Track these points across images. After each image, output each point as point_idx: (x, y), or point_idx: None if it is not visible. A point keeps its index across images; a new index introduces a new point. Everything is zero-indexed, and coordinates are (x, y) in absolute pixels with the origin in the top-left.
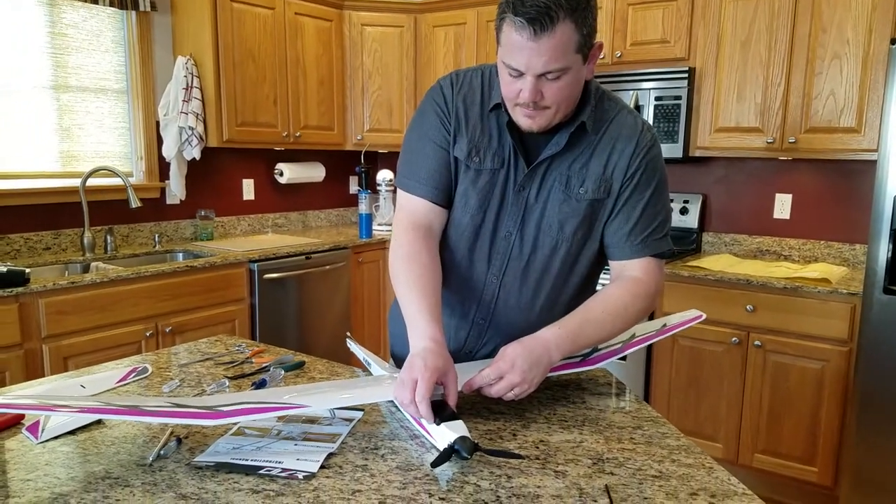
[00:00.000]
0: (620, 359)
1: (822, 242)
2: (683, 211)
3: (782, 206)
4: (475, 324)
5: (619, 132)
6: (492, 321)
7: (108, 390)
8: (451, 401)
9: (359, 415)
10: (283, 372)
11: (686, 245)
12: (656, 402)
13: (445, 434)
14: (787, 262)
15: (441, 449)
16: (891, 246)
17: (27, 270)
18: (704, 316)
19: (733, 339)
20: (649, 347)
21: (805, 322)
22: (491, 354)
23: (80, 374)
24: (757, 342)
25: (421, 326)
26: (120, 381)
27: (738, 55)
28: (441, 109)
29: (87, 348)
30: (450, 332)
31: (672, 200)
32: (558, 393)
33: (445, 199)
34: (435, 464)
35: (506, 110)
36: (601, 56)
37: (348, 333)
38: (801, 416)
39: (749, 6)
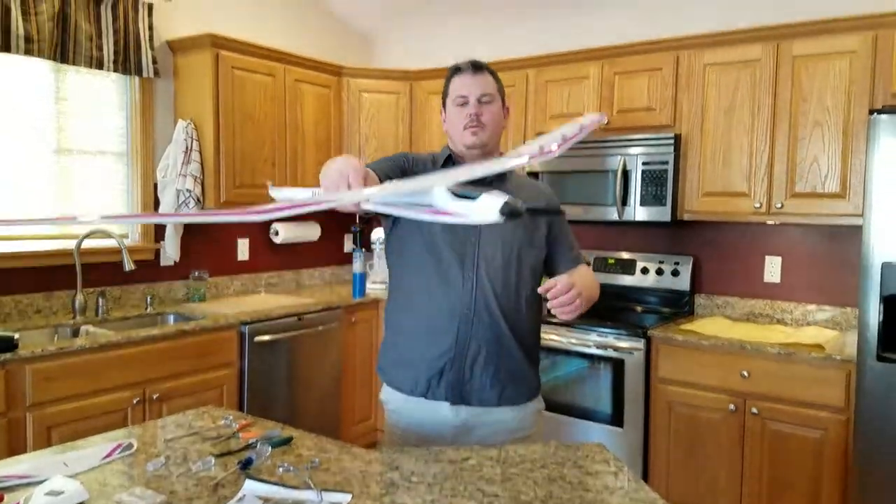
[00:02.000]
0: (618, 425)
1: (813, 306)
2: (675, 273)
3: (772, 269)
4: (462, 318)
5: (531, 185)
6: (475, 312)
7: (92, 468)
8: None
9: (347, 498)
10: (269, 448)
11: (679, 307)
12: (655, 472)
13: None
14: (780, 326)
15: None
16: (882, 313)
17: (16, 336)
18: (604, 117)
19: (730, 406)
20: (646, 415)
21: (801, 389)
22: (479, 351)
23: (64, 451)
24: (754, 409)
25: None
26: (105, 457)
27: (723, 122)
28: (402, 156)
29: (72, 416)
30: (440, 343)
31: (662, 262)
32: (554, 472)
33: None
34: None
35: (452, 155)
36: (505, 119)
37: (268, 182)
38: (802, 486)
39: (731, 76)
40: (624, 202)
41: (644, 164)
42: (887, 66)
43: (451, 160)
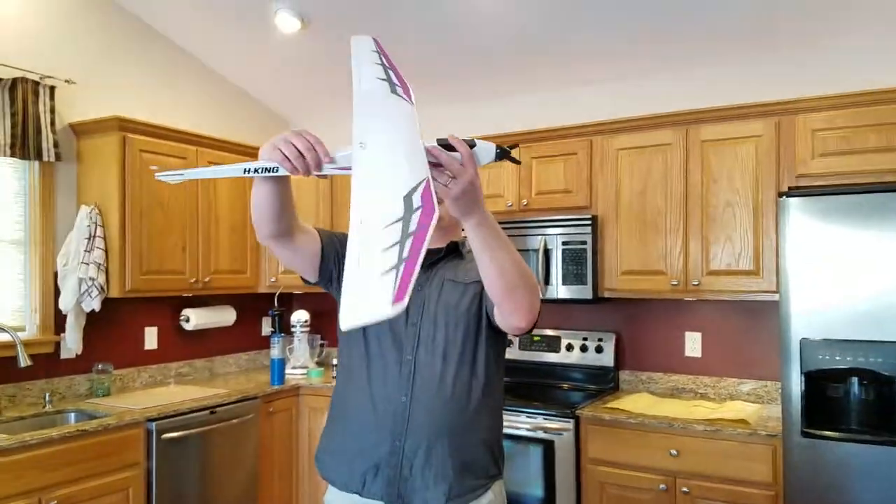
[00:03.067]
0: None
1: (734, 380)
2: (599, 349)
3: (693, 344)
4: (398, 406)
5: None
6: (413, 398)
7: None
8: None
9: None
10: None
11: (604, 384)
12: None
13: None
14: (703, 401)
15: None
16: (803, 388)
17: None
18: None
19: (661, 485)
20: (578, 498)
21: (730, 466)
22: (419, 444)
23: None
24: (685, 489)
25: None
26: None
27: (637, 203)
28: (335, 234)
29: None
30: (375, 434)
31: (586, 339)
32: None
33: (319, 242)
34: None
35: None
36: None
37: (154, 167)
38: None
39: (643, 159)
40: (546, 280)
41: (564, 243)
42: (791, 150)
43: None
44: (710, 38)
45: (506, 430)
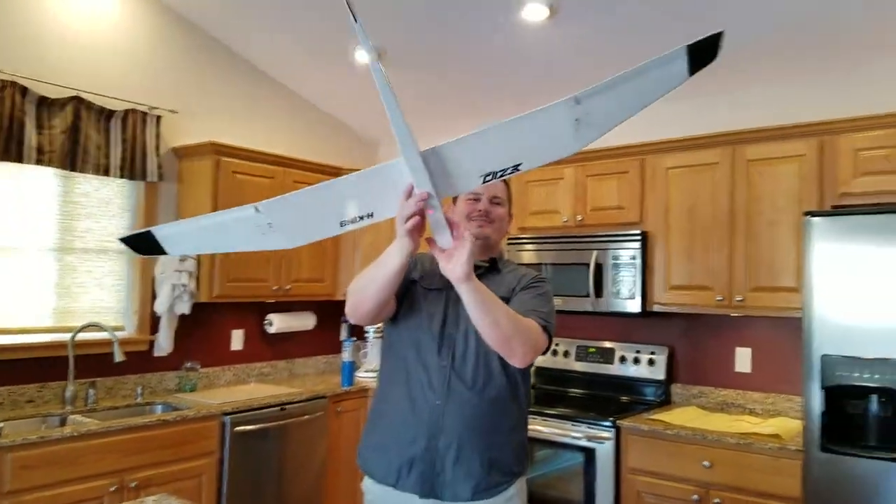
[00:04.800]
0: None
1: (783, 396)
2: (651, 362)
3: (743, 359)
4: (433, 408)
5: (517, 272)
6: (448, 401)
7: None
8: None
9: None
10: None
11: (656, 396)
12: None
13: None
14: (749, 416)
15: None
16: (824, 404)
17: (1, 425)
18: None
19: (694, 496)
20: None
21: (761, 479)
22: (451, 443)
23: None
24: (717, 500)
25: None
26: None
27: (685, 220)
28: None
29: None
30: (412, 431)
31: (639, 352)
32: None
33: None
34: None
35: None
36: (508, 224)
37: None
38: None
39: (692, 178)
40: (598, 294)
41: (615, 258)
42: (832, 170)
43: None
44: (755, 59)
45: (552, 436)
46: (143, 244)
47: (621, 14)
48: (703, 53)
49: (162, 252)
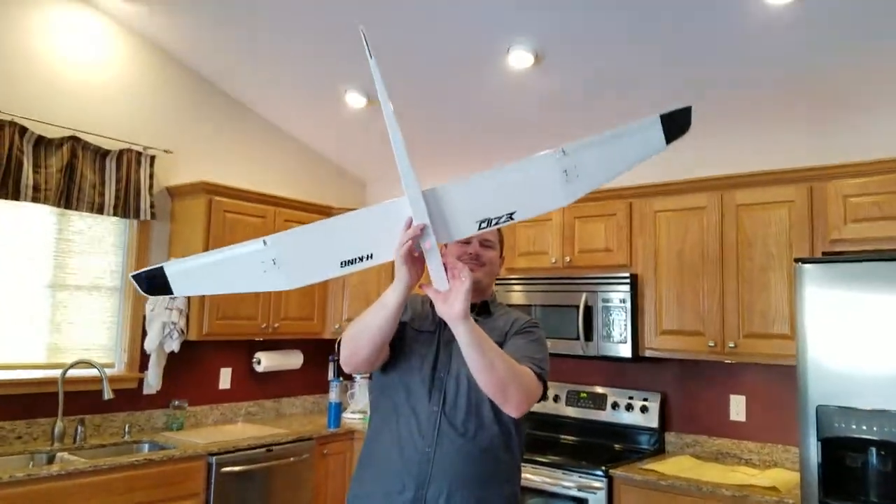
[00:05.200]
0: None
1: (779, 446)
2: (644, 409)
3: (737, 407)
4: (423, 455)
5: (509, 315)
6: (437, 448)
7: None
8: None
9: None
10: None
11: (649, 445)
12: None
13: None
14: (745, 467)
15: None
16: (820, 457)
17: None
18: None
19: None
20: None
21: None
22: (440, 493)
23: None
24: None
25: None
26: None
27: (675, 263)
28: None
29: None
30: (400, 480)
31: (632, 398)
32: None
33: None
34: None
35: None
36: (500, 266)
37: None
38: None
39: (681, 221)
40: (588, 337)
41: (604, 301)
42: (823, 215)
43: None
44: (742, 104)
45: (543, 485)
46: (152, 282)
47: (602, 63)
48: (675, 124)
49: (168, 292)
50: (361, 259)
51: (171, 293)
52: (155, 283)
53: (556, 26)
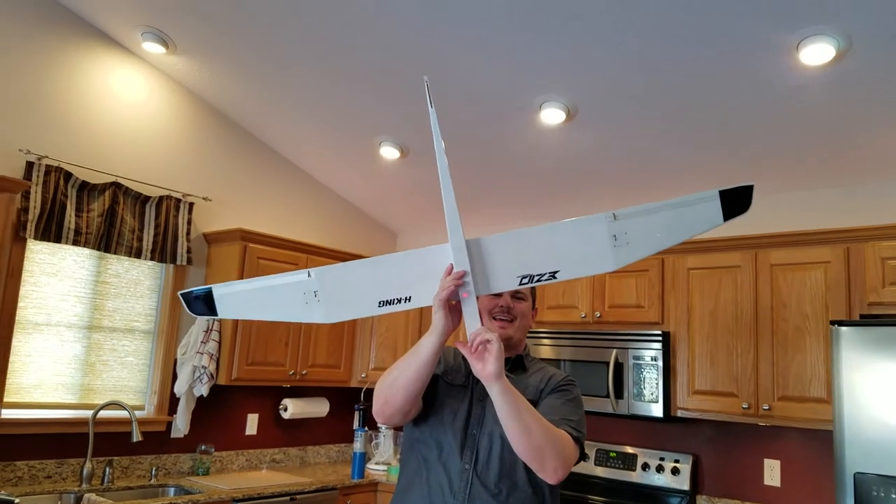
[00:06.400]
0: None
1: None
2: (675, 471)
3: (772, 472)
4: None
5: (544, 371)
6: None
7: None
8: None
9: None
10: None
11: None
12: None
13: None
14: None
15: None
16: None
17: (16, 500)
18: None
19: None
20: None
21: None
22: None
23: None
24: None
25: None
26: None
27: (708, 323)
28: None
29: None
30: None
31: (663, 459)
32: None
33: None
34: None
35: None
36: (532, 319)
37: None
38: None
39: (714, 279)
40: (618, 395)
41: (635, 358)
42: (860, 277)
43: None
44: (777, 163)
45: None
46: (200, 302)
47: (632, 119)
48: (735, 201)
49: (214, 313)
50: (399, 301)
51: (216, 314)
52: (202, 302)
53: (586, 88)
